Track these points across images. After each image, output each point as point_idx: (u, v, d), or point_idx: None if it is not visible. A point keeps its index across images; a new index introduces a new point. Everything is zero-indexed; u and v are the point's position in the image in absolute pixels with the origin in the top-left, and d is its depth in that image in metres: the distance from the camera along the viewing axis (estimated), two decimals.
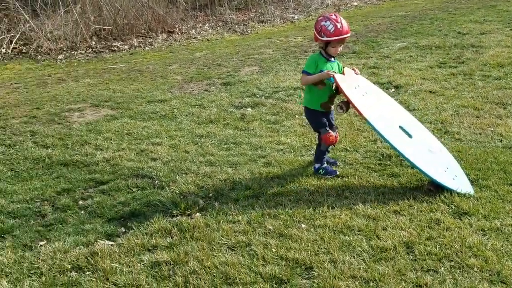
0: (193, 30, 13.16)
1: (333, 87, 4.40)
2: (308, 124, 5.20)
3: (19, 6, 11.59)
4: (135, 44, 11.62)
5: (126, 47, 11.43)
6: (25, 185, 4.65)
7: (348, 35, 4.33)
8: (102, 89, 7.82)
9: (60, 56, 10.54)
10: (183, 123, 6.14)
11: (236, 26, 13.90)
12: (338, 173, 4.56)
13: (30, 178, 4.80)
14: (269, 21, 15.05)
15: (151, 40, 12.04)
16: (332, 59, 4.48)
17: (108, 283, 3.19)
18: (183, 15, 14.44)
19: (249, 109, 6.67)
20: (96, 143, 5.54)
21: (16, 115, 6.54)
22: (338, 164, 4.77)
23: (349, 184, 4.39)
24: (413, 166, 4.27)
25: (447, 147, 5.04)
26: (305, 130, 5.76)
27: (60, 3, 11.82)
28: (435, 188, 4.15)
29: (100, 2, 12.20)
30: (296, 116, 6.28)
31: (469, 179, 4.31)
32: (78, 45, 11.20)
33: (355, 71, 4.58)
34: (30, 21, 11.33)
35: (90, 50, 11.14)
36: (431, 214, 3.82)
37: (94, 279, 3.23)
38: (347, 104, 4.39)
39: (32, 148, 5.44)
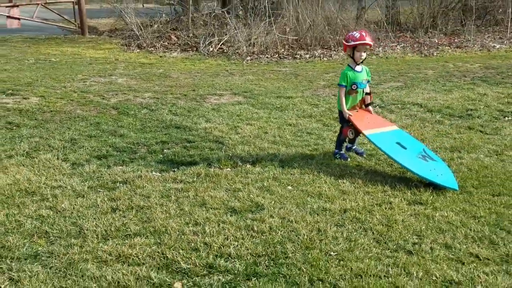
0: (380, 48, 14.06)
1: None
2: None
3: (231, 17, 14.05)
4: (317, 54, 13.06)
5: (307, 56, 12.94)
6: (141, 134, 6.45)
7: (371, 43, 5.19)
8: (252, 84, 9.45)
9: (248, 58, 12.55)
10: (286, 115, 7.38)
11: (425, 48, 14.34)
12: (349, 159, 5.42)
13: (148, 131, 6.59)
14: (466, 47, 15.06)
15: (333, 52, 13.34)
16: (359, 68, 5.32)
17: (131, 192, 4.69)
18: (381, 35, 15.41)
19: None
20: (208, 117, 7.14)
21: (175, 92, 8.54)
22: (364, 156, 5.58)
23: (356, 171, 5.16)
24: (400, 165, 4.98)
25: (486, 163, 5.37)
26: None
27: (267, 15, 13.92)
28: (423, 184, 4.73)
29: (298, 18, 13.97)
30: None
31: (459, 185, 4.72)
32: (267, 51, 13.11)
33: (370, 112, 5.53)
34: (237, 29, 13.62)
35: (276, 55, 12.93)
36: (391, 198, 4.47)
37: (126, 189, 4.76)
38: (356, 131, 5.39)
39: (165, 114, 7.29)
